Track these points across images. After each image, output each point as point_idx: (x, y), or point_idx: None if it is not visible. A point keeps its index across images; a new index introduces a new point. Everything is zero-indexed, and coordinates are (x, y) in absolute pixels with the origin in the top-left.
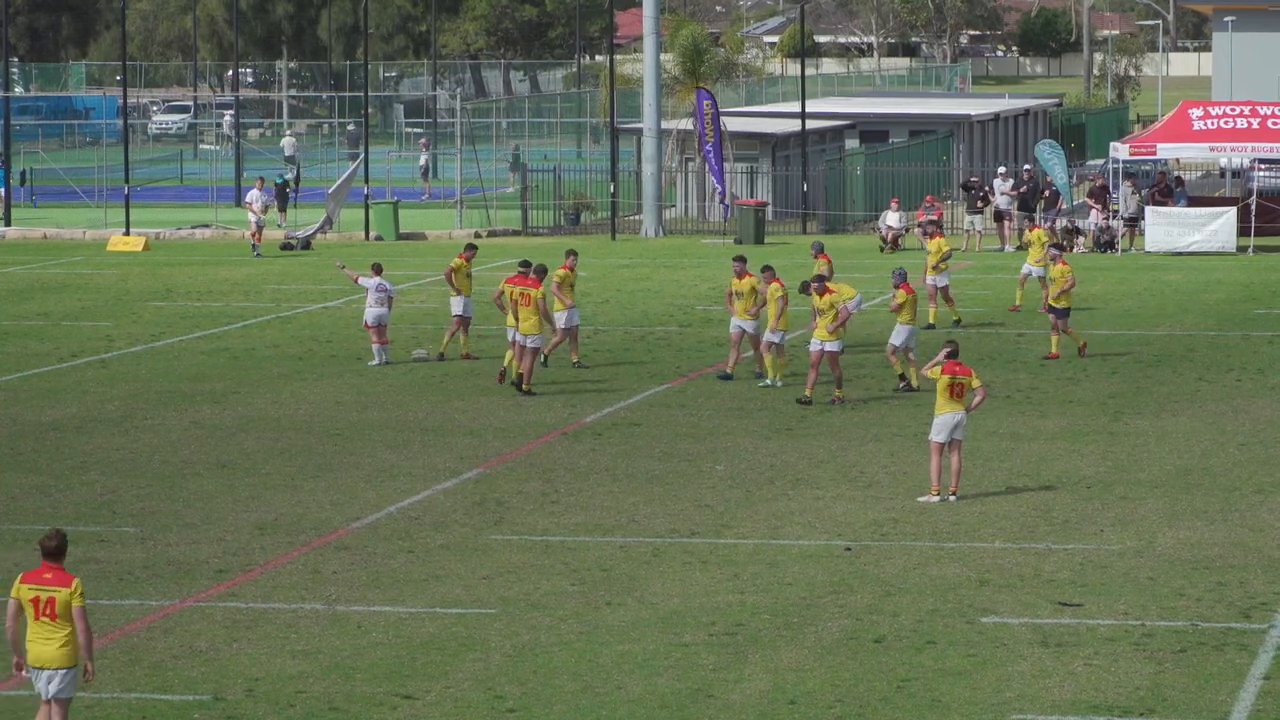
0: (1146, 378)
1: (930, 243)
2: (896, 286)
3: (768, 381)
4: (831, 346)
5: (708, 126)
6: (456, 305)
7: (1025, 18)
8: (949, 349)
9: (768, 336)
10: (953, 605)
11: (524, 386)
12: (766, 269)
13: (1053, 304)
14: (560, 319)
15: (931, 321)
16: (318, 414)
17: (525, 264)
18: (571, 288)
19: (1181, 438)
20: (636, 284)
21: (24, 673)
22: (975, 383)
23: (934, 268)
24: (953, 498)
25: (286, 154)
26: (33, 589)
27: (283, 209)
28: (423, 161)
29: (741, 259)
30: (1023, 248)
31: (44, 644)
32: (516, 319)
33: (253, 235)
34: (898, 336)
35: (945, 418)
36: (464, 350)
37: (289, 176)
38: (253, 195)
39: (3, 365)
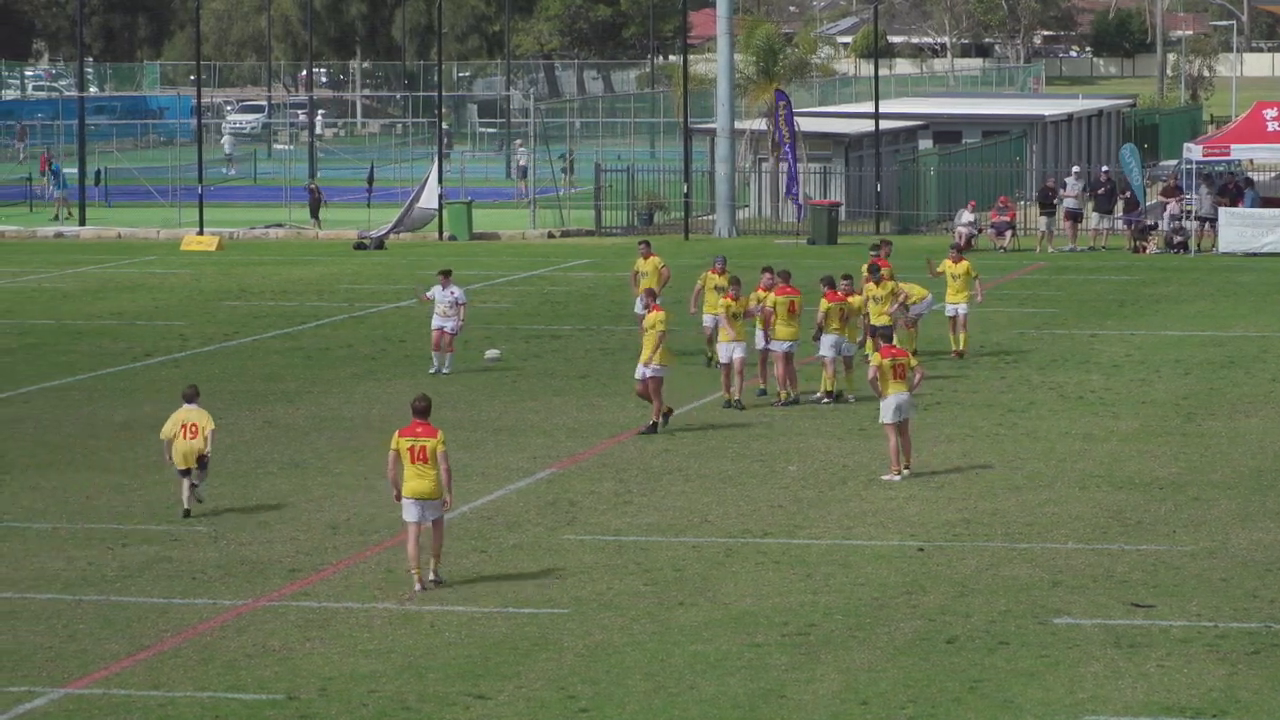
0: (1220, 379)
1: (956, 265)
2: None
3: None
4: (739, 352)
5: (783, 127)
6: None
7: (1099, 18)
8: (882, 334)
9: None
10: (1025, 606)
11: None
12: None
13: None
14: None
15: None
16: (391, 414)
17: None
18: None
19: (1255, 439)
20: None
21: (400, 500)
22: (913, 362)
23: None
24: (906, 471)
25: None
26: (409, 440)
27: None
28: (521, 162)
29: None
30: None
31: (419, 481)
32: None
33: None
34: (825, 346)
35: (892, 399)
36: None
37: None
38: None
39: (77, 364)
